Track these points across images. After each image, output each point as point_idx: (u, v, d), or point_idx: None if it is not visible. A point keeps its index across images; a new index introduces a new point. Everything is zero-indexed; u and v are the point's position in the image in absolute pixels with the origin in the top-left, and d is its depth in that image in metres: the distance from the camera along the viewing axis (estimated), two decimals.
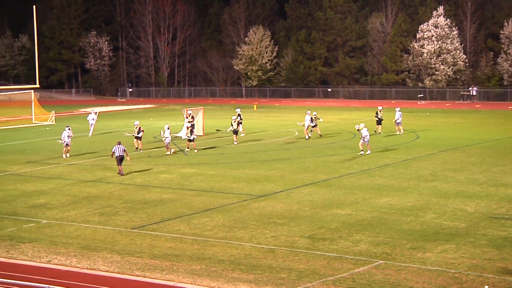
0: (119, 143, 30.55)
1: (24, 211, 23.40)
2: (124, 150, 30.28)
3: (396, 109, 44.33)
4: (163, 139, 36.40)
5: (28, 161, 35.03)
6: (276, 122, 51.55)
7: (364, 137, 34.16)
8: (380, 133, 43.06)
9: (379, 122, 43.47)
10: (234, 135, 40.09)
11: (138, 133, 37.06)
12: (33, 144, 42.58)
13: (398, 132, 43.37)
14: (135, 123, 37.90)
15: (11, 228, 20.99)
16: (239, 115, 43.60)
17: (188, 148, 36.97)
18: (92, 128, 46.88)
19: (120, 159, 30.19)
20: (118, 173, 30.20)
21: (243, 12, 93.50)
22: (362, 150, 34.33)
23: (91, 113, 48.02)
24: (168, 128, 36.55)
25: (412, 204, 23.06)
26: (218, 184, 27.57)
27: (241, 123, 43.58)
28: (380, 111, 43.51)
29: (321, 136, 41.97)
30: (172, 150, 36.52)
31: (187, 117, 43.38)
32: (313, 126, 41.90)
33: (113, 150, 30.53)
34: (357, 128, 35.27)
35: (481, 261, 16.73)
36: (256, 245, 18.55)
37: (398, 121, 43.35)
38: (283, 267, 16.56)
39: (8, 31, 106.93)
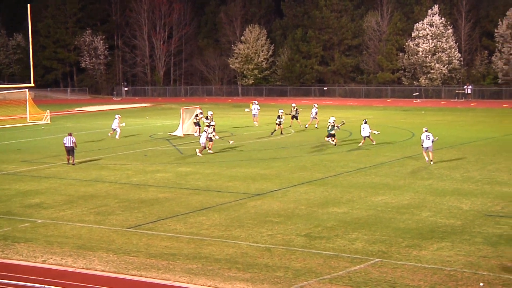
0: (70, 135, 32.72)
1: (19, 210, 23.35)
2: (74, 142, 32.39)
3: (254, 102, 50.75)
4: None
5: (23, 160, 34.97)
6: (272, 121, 51.38)
7: (423, 142, 30.47)
8: (290, 126, 47.11)
9: (294, 117, 47.27)
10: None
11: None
12: (28, 144, 42.50)
13: (256, 124, 49.53)
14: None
15: (6, 228, 20.94)
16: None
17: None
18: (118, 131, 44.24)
19: (68, 150, 32.41)
20: (67, 163, 32.53)
21: (239, 11, 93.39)
22: (426, 157, 30.86)
23: (116, 119, 44.77)
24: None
25: (408, 202, 23.10)
26: (214, 183, 27.57)
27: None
28: (294, 108, 47.60)
29: (282, 133, 43.75)
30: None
31: (206, 118, 41.89)
32: (278, 124, 43.70)
33: (64, 142, 32.62)
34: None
35: (477, 258, 16.77)
36: (253, 243, 18.55)
37: (253, 112, 49.67)
38: (279, 266, 16.57)
39: (2, 29, 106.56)
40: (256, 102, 51.03)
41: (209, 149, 36.08)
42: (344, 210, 22.23)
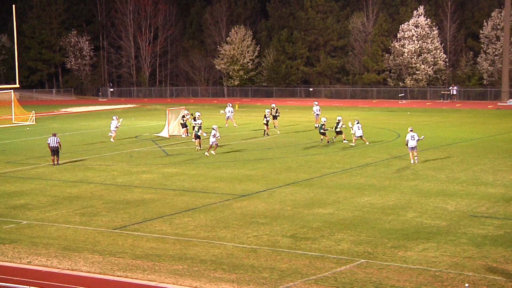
0: (54, 135, 32.77)
1: (4, 211, 23.20)
2: (58, 142, 32.38)
3: (228, 104, 51.79)
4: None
5: (8, 161, 34.73)
6: (258, 122, 51.51)
7: (408, 143, 31.22)
8: (276, 127, 47.25)
9: (274, 117, 47.37)
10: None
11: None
12: (13, 145, 42.23)
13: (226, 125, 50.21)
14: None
15: None
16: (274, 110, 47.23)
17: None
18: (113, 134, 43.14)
19: (53, 150, 32.46)
20: (52, 164, 32.47)
21: (224, 12, 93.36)
22: (412, 159, 31.27)
23: (113, 120, 43.41)
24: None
25: (394, 203, 23.18)
26: (200, 184, 27.53)
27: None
28: (274, 108, 47.57)
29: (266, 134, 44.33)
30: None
31: (194, 119, 41.89)
32: (265, 123, 44.30)
33: (48, 142, 32.78)
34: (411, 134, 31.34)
35: (462, 259, 16.86)
36: (238, 244, 18.54)
37: (228, 115, 50.41)
38: (265, 267, 16.58)
39: None
40: (230, 105, 51.67)
41: (199, 148, 36.78)
42: (330, 211, 22.27)
